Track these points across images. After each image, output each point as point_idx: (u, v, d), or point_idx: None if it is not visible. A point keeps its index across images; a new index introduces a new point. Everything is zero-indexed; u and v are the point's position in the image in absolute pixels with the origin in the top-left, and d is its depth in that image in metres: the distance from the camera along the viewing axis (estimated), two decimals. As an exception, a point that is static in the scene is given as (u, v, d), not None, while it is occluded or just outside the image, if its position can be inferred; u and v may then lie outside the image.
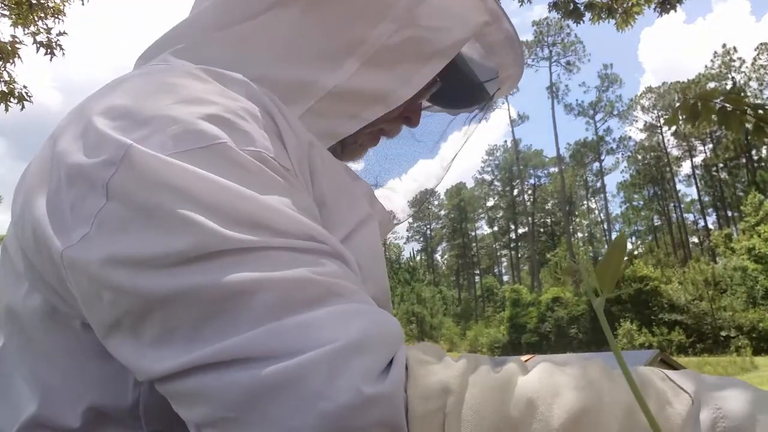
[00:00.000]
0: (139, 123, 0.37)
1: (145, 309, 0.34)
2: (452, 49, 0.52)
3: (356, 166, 0.68)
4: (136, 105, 0.38)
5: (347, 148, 0.57)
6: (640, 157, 49.04)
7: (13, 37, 5.00)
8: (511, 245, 57.94)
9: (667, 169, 47.97)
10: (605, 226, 49.47)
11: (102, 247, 0.35)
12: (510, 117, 51.13)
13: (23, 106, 5.09)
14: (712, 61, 44.19)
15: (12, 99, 5.03)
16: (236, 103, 0.40)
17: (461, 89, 0.62)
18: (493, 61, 0.60)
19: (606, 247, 49.02)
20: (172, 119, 0.37)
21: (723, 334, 25.96)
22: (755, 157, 41.61)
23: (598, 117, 47.85)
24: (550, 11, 5.80)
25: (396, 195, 0.72)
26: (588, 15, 5.62)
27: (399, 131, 0.60)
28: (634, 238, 51.44)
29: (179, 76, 0.41)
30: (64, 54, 5.31)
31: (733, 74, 42.84)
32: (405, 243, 60.58)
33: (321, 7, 0.48)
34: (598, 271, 0.24)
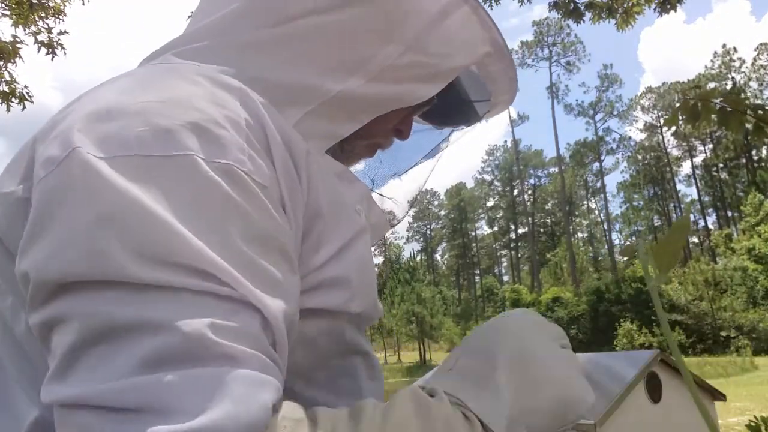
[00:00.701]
0: (107, 117, 0.36)
1: (44, 328, 0.34)
2: (453, 72, 0.55)
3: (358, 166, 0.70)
4: (112, 99, 0.37)
5: (344, 154, 0.59)
6: (640, 157, 49.04)
7: (14, 36, 5.00)
8: (511, 245, 57.93)
9: (667, 169, 47.97)
10: (605, 226, 49.46)
11: (20, 255, 0.35)
12: (510, 117, 51.17)
13: (24, 106, 5.10)
14: (712, 61, 44.24)
15: (13, 99, 5.04)
16: (221, 111, 0.38)
17: (453, 108, 0.65)
18: (488, 86, 0.63)
19: (606, 247, 49.05)
20: (143, 119, 0.36)
21: (723, 334, 25.94)
22: (755, 157, 41.61)
23: (598, 117, 47.87)
24: (550, 11, 5.80)
25: (391, 196, 0.75)
26: (588, 15, 5.62)
27: (392, 143, 0.63)
28: (633, 239, 51.38)
29: (170, 75, 0.41)
30: (65, 53, 5.32)
31: (733, 74, 42.85)
32: (405, 243, 60.61)
33: (333, 25, 0.50)
34: (657, 250, 0.23)
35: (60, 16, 5.33)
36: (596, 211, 53.05)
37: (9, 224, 0.38)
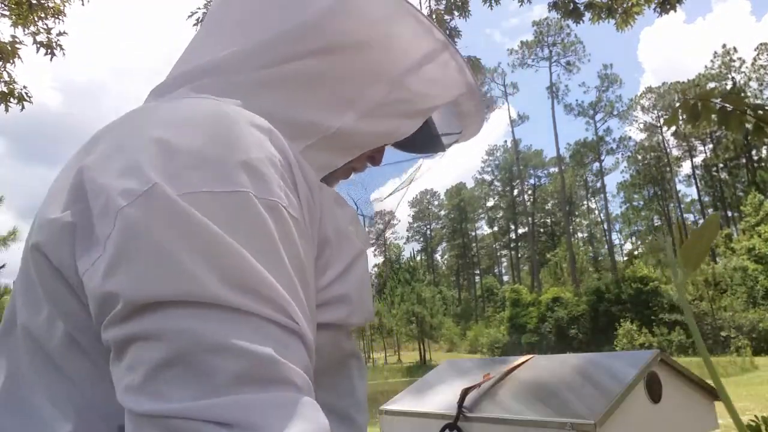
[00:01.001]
0: (172, 157, 0.40)
1: (124, 342, 0.37)
2: (432, 110, 0.64)
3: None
4: (173, 139, 0.41)
5: (326, 177, 0.65)
6: (640, 157, 49.01)
7: (13, 37, 5.00)
8: (511, 245, 57.89)
9: (667, 169, 47.94)
10: (605, 226, 49.42)
11: (101, 278, 0.38)
12: (510, 117, 51.17)
13: (23, 107, 5.10)
14: (712, 61, 44.20)
15: (12, 99, 5.03)
16: (263, 153, 0.43)
17: (423, 139, 0.73)
18: (459, 120, 0.72)
19: (606, 247, 49.03)
20: (205, 159, 0.40)
21: (723, 334, 25.92)
22: (755, 157, 41.60)
23: (598, 117, 47.84)
24: (550, 11, 5.80)
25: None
26: (588, 15, 5.62)
27: (365, 168, 0.71)
28: (633, 239, 51.42)
29: (213, 114, 0.45)
30: (64, 54, 5.31)
31: (733, 74, 42.82)
32: (405, 243, 60.61)
33: (331, 66, 0.56)
34: (684, 248, 0.23)
35: (59, 17, 5.33)
36: (596, 211, 53.07)
37: (56, 246, 0.42)
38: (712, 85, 40.23)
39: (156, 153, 0.40)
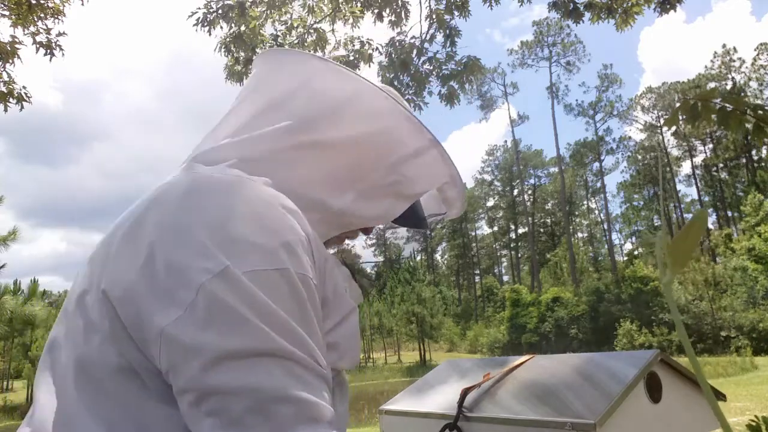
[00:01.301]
0: (234, 244, 0.52)
1: (206, 393, 0.48)
2: (420, 194, 0.76)
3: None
4: (231, 228, 0.53)
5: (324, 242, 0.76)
6: (640, 157, 48.99)
7: (13, 37, 5.00)
8: (511, 245, 57.88)
9: (667, 169, 47.89)
10: (605, 226, 49.39)
11: (189, 333, 0.49)
12: (510, 117, 51.22)
13: (22, 107, 5.09)
14: (712, 61, 44.18)
15: (11, 99, 5.03)
16: (295, 235, 0.56)
17: (412, 217, 0.85)
18: (442, 203, 0.83)
19: (606, 247, 48.89)
20: (257, 245, 0.53)
21: (723, 334, 25.91)
22: (755, 157, 41.59)
23: (598, 117, 47.81)
24: (550, 11, 5.80)
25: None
26: (588, 15, 5.61)
27: (358, 236, 0.84)
28: (634, 239, 51.41)
29: (255, 201, 0.57)
30: (63, 54, 5.31)
31: (733, 74, 42.81)
32: (405, 243, 60.54)
33: (341, 153, 0.69)
34: (672, 245, 0.23)
35: (59, 17, 5.32)
36: (596, 211, 53.06)
37: (126, 300, 0.52)
38: (712, 85, 40.21)
39: (220, 240, 0.52)
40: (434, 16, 6.19)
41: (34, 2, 5.10)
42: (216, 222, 0.53)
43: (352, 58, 6.28)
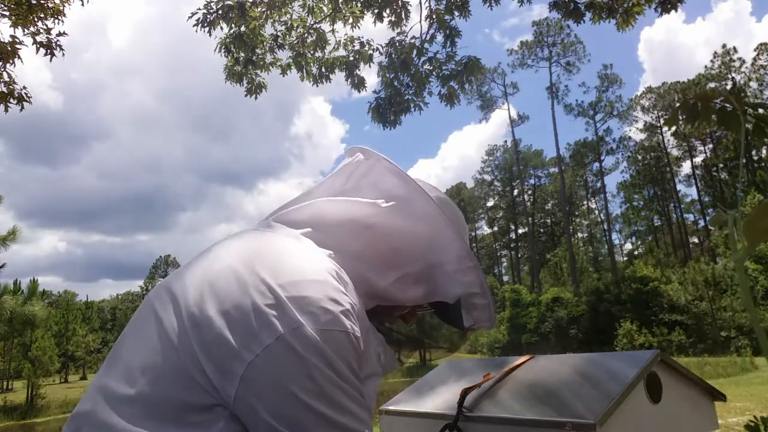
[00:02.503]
0: (307, 305, 0.64)
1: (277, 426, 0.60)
2: (450, 297, 0.86)
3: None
4: (305, 290, 0.65)
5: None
6: (640, 157, 48.99)
7: (13, 37, 5.00)
8: (511, 245, 57.89)
9: (667, 169, 47.92)
10: (605, 226, 49.39)
11: (266, 372, 0.60)
12: (510, 117, 51.10)
13: (22, 107, 5.09)
14: (712, 61, 44.14)
15: (12, 99, 5.03)
16: (349, 303, 0.68)
17: (449, 317, 0.94)
18: (473, 312, 0.89)
19: (606, 247, 48.80)
20: (324, 309, 0.65)
21: (723, 334, 25.91)
22: (755, 157, 41.58)
23: (598, 117, 47.76)
24: (550, 11, 5.80)
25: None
26: (588, 15, 5.61)
27: (395, 322, 0.97)
28: (634, 239, 51.40)
29: (324, 271, 0.70)
30: (63, 54, 5.31)
31: (733, 74, 42.80)
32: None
33: (385, 241, 0.81)
34: (748, 222, 0.22)
35: (59, 17, 5.32)
36: (596, 211, 53.09)
37: (209, 339, 0.62)
38: (712, 85, 40.23)
39: (295, 302, 0.63)
40: (434, 17, 6.19)
41: (34, 2, 5.10)
42: (288, 285, 0.65)
43: (352, 58, 6.28)
